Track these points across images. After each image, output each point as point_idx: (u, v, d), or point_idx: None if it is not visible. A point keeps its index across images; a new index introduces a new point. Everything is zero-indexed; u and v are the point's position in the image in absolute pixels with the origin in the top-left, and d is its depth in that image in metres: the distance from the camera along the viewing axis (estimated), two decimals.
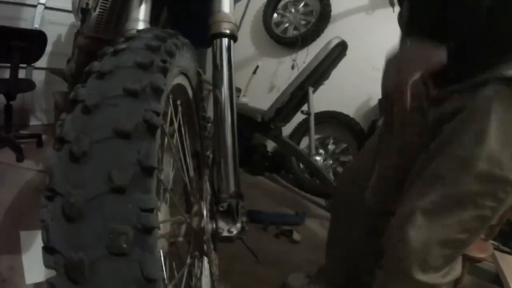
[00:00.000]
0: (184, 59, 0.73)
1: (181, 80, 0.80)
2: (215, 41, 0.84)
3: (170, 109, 0.76)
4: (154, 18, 1.06)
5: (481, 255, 1.67)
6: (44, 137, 2.98)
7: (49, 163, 0.46)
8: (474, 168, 0.90)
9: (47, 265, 0.44)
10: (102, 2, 1.28)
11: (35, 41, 2.62)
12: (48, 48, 2.88)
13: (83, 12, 1.38)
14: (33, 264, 1.62)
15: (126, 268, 0.41)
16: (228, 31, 0.84)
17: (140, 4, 0.96)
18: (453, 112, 0.98)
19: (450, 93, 1.00)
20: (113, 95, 0.48)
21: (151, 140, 0.46)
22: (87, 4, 1.38)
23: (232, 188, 0.77)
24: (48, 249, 0.44)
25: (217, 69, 0.83)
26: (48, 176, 0.45)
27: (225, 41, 0.84)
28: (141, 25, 0.93)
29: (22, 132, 3.02)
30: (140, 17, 0.94)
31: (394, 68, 0.99)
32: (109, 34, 1.33)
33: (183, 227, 0.78)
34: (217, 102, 0.81)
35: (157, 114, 0.47)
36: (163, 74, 0.53)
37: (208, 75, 0.90)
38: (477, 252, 1.67)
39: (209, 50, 0.87)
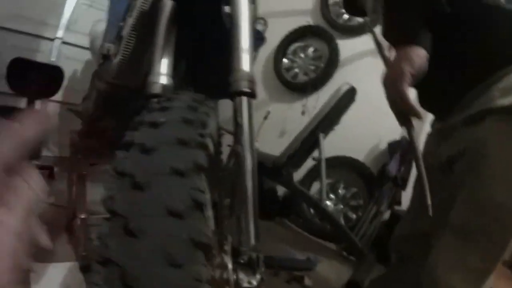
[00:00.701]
0: (212, 123, 0.76)
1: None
2: (235, 98, 0.87)
3: None
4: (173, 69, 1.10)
5: None
6: (56, 169, 3.00)
7: (101, 231, 0.49)
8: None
9: None
10: (123, 50, 1.33)
11: (52, 76, 2.69)
12: (64, 82, 2.93)
13: (104, 58, 1.43)
14: None
15: None
16: (248, 90, 0.87)
17: (163, 58, 1.00)
18: (458, 153, 0.98)
19: (451, 129, 1.02)
20: (161, 173, 0.51)
21: (200, 217, 0.50)
22: (108, 50, 1.43)
23: (252, 241, 0.77)
24: None
25: (238, 125, 0.85)
26: (100, 244, 0.48)
27: (245, 99, 0.87)
28: (163, 79, 0.97)
29: (35, 163, 3.05)
30: (163, 71, 0.98)
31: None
32: (129, 81, 1.38)
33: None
34: (238, 157, 0.83)
35: (202, 191, 0.51)
36: (203, 150, 0.57)
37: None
38: None
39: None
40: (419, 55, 0.88)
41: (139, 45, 1.31)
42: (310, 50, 3.36)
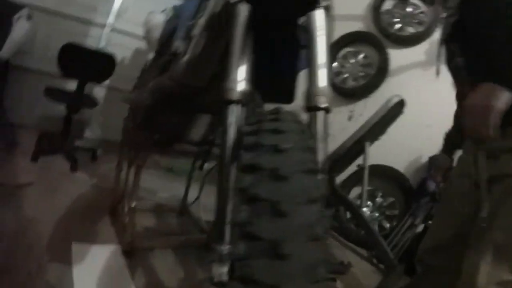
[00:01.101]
0: None
1: None
2: (311, 113, 0.89)
3: None
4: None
5: None
6: (99, 151, 3.10)
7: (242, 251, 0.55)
8: None
9: None
10: (192, 49, 1.35)
11: (105, 62, 2.76)
12: None
13: (172, 55, 1.46)
14: (84, 279, 1.60)
15: None
16: (324, 105, 0.89)
17: (240, 64, 1.02)
18: (501, 175, 1.09)
19: (499, 151, 1.11)
20: (300, 201, 0.57)
21: (330, 242, 0.55)
22: (177, 48, 1.46)
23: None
24: None
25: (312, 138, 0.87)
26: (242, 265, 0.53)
27: (321, 114, 0.88)
28: (242, 85, 0.98)
29: (78, 143, 3.15)
30: (240, 77, 0.99)
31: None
32: (195, 80, 1.41)
33: None
34: None
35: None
36: (321, 177, 0.63)
37: None
38: None
39: None
40: (507, 97, 0.99)
41: (208, 45, 1.33)
42: (361, 56, 3.33)
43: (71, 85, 2.88)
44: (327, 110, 0.89)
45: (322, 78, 0.92)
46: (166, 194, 2.87)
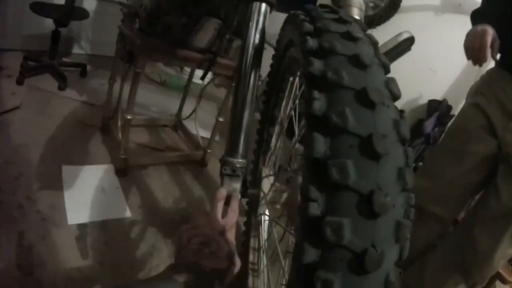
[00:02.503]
0: None
1: None
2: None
3: None
4: None
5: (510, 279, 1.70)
6: (88, 67, 2.93)
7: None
8: None
9: None
10: None
11: None
12: None
13: None
14: (76, 203, 1.55)
15: None
16: (358, 17, 0.89)
17: None
18: None
19: None
20: (385, 95, 0.52)
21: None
22: None
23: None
24: None
25: None
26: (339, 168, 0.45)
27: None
28: None
29: (66, 60, 2.98)
30: None
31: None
32: None
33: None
34: None
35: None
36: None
37: None
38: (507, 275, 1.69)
39: None
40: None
41: None
42: None
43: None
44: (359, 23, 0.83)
45: None
46: (159, 109, 2.78)
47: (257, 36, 0.78)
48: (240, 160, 0.75)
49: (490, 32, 1.19)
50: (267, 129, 1.24)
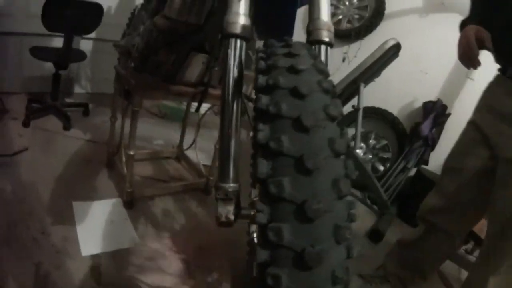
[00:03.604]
0: None
1: None
2: (314, 46, 0.88)
3: None
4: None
5: None
6: (90, 106, 3.03)
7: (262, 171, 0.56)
8: None
9: None
10: None
11: (91, 12, 2.63)
12: None
13: None
14: (88, 236, 1.62)
15: None
16: (327, 39, 0.88)
17: None
18: None
19: None
20: (321, 118, 0.58)
21: (350, 158, 0.61)
22: None
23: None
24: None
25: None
26: (276, 184, 0.54)
27: (323, 48, 0.88)
28: (242, 19, 0.94)
29: (68, 100, 3.08)
30: (241, 11, 0.96)
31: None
32: (191, 18, 1.36)
33: None
34: None
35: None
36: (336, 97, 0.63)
37: None
38: None
39: None
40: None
41: None
42: None
43: (57, 42, 2.75)
44: (330, 45, 0.88)
45: (325, 12, 0.90)
46: (161, 141, 2.87)
47: (236, 69, 0.83)
48: (232, 185, 0.80)
49: (472, 34, 1.20)
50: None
